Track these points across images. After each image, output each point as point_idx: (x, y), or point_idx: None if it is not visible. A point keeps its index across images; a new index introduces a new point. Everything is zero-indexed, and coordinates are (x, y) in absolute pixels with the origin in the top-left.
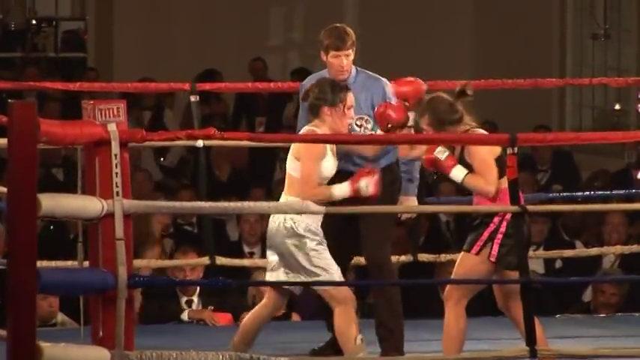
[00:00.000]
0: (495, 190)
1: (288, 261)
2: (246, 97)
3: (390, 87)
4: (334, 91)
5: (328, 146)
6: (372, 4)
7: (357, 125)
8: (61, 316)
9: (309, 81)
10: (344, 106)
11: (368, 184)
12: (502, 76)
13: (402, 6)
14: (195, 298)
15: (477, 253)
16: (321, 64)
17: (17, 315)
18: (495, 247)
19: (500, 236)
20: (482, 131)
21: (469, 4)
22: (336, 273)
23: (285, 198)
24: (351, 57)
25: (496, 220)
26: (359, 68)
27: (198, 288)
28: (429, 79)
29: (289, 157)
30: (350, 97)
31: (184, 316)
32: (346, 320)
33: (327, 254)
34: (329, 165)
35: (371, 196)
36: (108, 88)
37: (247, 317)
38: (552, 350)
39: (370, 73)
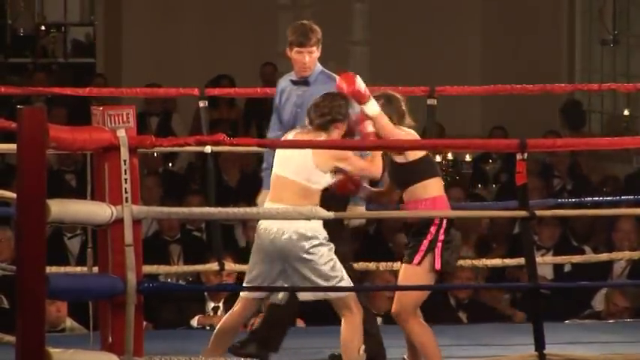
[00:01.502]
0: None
1: (300, 270)
2: (255, 102)
3: None
4: (347, 106)
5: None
6: (381, 8)
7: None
8: (69, 322)
9: (283, 80)
10: (347, 120)
11: (361, 82)
12: (511, 81)
13: (411, 11)
14: (221, 305)
15: (419, 264)
16: (329, 68)
17: (26, 320)
18: (438, 258)
19: (440, 244)
20: (414, 133)
21: (477, 10)
22: (348, 280)
23: (293, 208)
24: (315, 54)
25: (433, 229)
26: (323, 68)
27: (224, 294)
28: (438, 84)
29: (298, 166)
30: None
31: (194, 321)
32: (353, 329)
33: (338, 261)
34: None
35: (364, 94)
36: (117, 94)
37: (220, 324)
38: (561, 356)
39: (332, 73)
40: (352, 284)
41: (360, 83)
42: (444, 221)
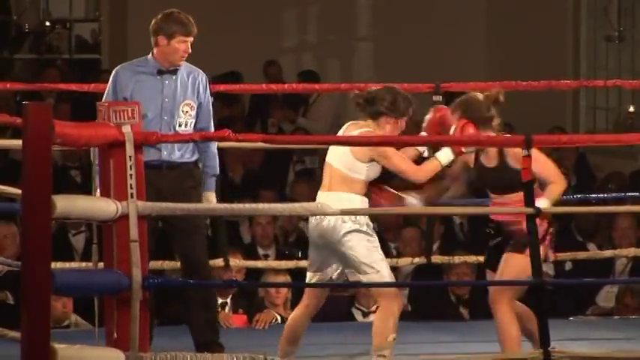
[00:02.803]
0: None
1: (344, 257)
2: (260, 98)
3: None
4: (405, 104)
5: None
6: (385, 5)
7: (182, 112)
8: (74, 318)
9: (125, 70)
10: (404, 120)
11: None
12: (516, 78)
13: (416, 7)
14: (229, 301)
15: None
16: (334, 64)
17: (31, 316)
18: (550, 248)
19: (549, 237)
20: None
21: (482, 6)
22: (387, 270)
23: (336, 195)
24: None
25: (544, 222)
26: None
27: (232, 290)
28: (443, 80)
29: (341, 155)
30: (411, 111)
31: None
32: (386, 317)
33: (379, 250)
34: (378, 168)
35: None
36: None
37: (290, 318)
38: (566, 352)
39: (190, 64)
40: (392, 275)
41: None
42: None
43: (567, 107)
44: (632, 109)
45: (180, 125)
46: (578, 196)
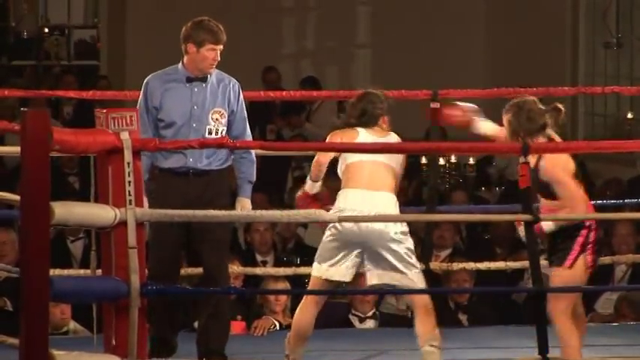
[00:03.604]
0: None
1: (392, 256)
2: (258, 105)
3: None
4: (387, 101)
5: None
6: (383, 12)
7: (212, 119)
8: (73, 324)
9: (155, 78)
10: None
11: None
12: (514, 84)
13: (414, 14)
14: None
15: (571, 266)
16: (332, 71)
17: (30, 323)
18: (589, 257)
19: (590, 246)
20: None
21: (481, 13)
22: (422, 276)
23: (383, 194)
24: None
25: (584, 232)
26: None
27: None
28: (441, 87)
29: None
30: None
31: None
32: (427, 313)
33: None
34: None
35: None
36: (120, 97)
37: (296, 315)
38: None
39: (222, 72)
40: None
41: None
42: (594, 223)
43: (565, 114)
44: (630, 115)
45: (209, 133)
46: None
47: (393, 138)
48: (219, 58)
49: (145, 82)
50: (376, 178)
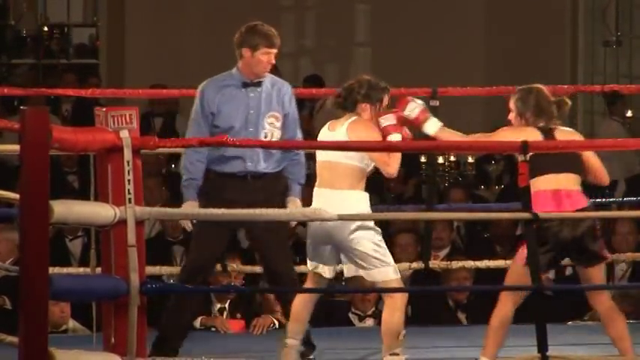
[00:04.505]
0: None
1: (346, 250)
2: None
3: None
4: (377, 89)
5: None
6: (383, 10)
7: (267, 123)
8: (72, 323)
9: (210, 84)
10: (380, 106)
11: (413, 109)
12: (514, 82)
13: (414, 12)
14: (227, 306)
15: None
16: (332, 69)
17: (29, 321)
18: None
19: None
20: (571, 131)
21: (481, 11)
22: (393, 266)
23: (340, 192)
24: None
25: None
26: None
27: (231, 296)
28: (441, 85)
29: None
30: (387, 99)
31: (196, 323)
32: (393, 311)
33: (384, 247)
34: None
35: (416, 119)
36: (119, 95)
37: (296, 300)
38: (564, 358)
39: (274, 76)
40: (396, 270)
41: (410, 110)
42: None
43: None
44: (630, 114)
45: (265, 137)
46: None
47: (341, 133)
48: (273, 62)
49: (200, 88)
50: (334, 177)
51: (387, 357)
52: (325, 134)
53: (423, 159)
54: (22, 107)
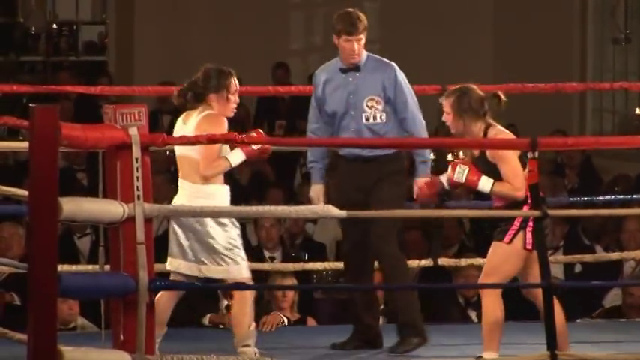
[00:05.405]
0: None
1: (206, 246)
2: (267, 100)
3: (400, 73)
4: (218, 77)
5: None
6: (391, 7)
7: (367, 106)
8: (81, 320)
9: (323, 72)
10: (227, 92)
11: (463, 171)
12: (523, 80)
13: (422, 9)
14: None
15: (510, 242)
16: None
17: (38, 318)
18: (529, 235)
19: (531, 224)
20: (505, 131)
21: (489, 8)
22: (244, 264)
23: (194, 186)
24: (363, 41)
25: (525, 208)
26: (370, 53)
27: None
28: (450, 82)
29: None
30: (234, 82)
31: (205, 320)
32: (242, 304)
33: (239, 246)
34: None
35: (469, 180)
36: (128, 92)
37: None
38: (574, 355)
39: (381, 58)
40: (247, 268)
41: (460, 172)
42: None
43: (574, 109)
44: (638, 111)
45: (367, 119)
46: (585, 198)
47: (191, 127)
48: (356, 49)
49: (314, 75)
50: (186, 170)
51: (240, 348)
52: (180, 127)
53: (432, 156)
54: (31, 105)
